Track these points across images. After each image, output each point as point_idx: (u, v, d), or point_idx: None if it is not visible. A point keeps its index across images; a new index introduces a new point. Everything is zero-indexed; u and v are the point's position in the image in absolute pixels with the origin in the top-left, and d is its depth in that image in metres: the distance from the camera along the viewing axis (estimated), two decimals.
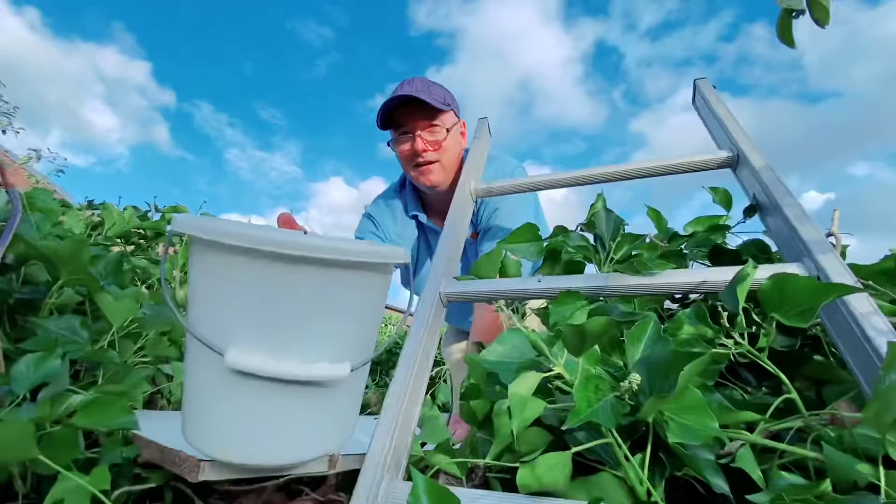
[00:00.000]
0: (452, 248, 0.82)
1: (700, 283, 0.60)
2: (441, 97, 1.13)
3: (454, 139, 1.18)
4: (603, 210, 0.71)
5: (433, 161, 1.16)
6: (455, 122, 1.19)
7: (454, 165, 1.20)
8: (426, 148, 1.13)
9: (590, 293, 0.66)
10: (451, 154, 1.18)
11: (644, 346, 0.48)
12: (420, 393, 0.62)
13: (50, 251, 0.66)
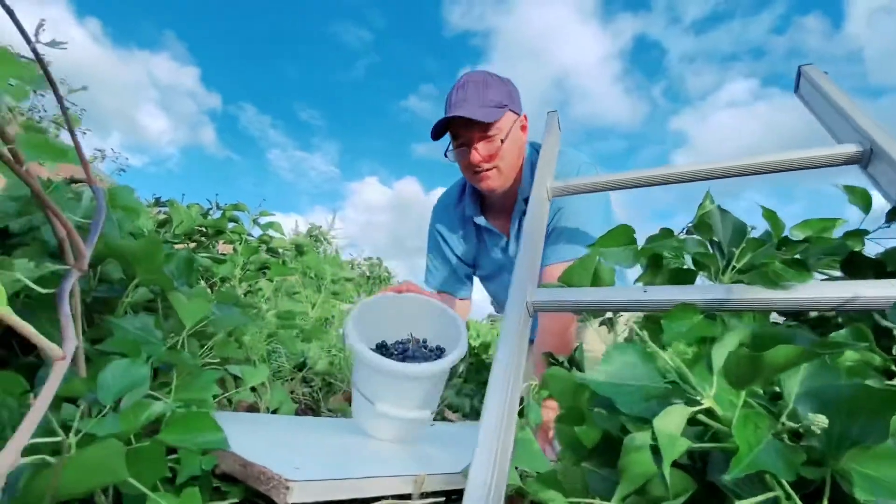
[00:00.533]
0: (534, 253, 0.76)
1: (852, 299, 0.51)
2: (497, 99, 1.08)
3: (512, 140, 1.12)
4: (718, 210, 0.63)
5: (490, 168, 1.12)
6: (514, 120, 1.12)
7: (514, 166, 1.15)
8: (482, 158, 1.09)
9: (707, 307, 0.58)
10: (509, 157, 1.13)
11: (804, 374, 0.40)
12: (515, 415, 0.56)
13: (126, 250, 0.64)
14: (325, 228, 3.70)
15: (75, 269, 0.39)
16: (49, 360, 0.43)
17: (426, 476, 0.58)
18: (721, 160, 0.79)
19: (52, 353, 0.27)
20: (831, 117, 0.83)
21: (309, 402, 1.41)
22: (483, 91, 1.08)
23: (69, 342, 0.29)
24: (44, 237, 0.54)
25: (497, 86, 1.10)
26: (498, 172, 1.12)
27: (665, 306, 0.59)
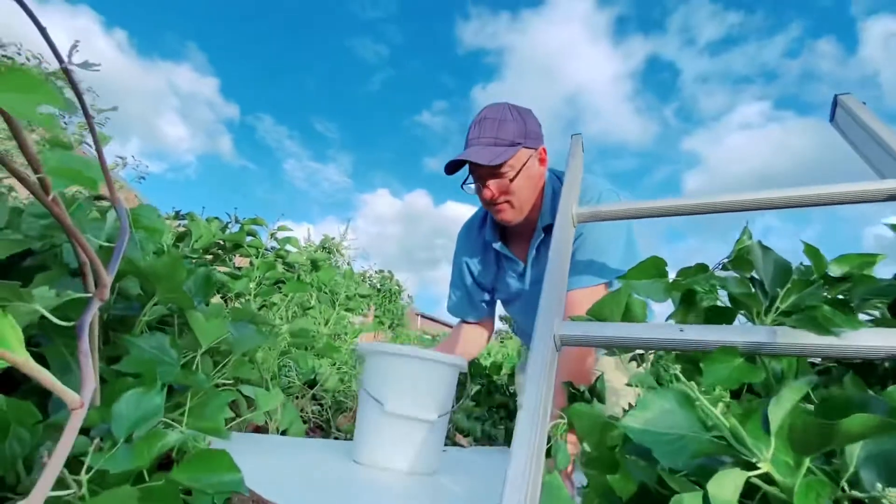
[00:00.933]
0: (561, 283, 0.73)
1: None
2: (510, 136, 1.08)
3: (525, 177, 1.12)
4: (758, 247, 0.60)
5: (503, 202, 1.12)
6: (528, 156, 1.12)
7: (528, 199, 1.15)
8: (495, 194, 1.11)
9: (748, 350, 0.55)
10: (522, 192, 1.13)
11: None
12: (543, 456, 0.53)
13: (147, 268, 0.63)
14: (337, 240, 3.71)
15: (96, 299, 0.37)
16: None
17: None
18: (760, 191, 0.77)
19: (70, 402, 0.25)
20: (871, 149, 0.80)
21: (319, 422, 1.39)
22: (498, 128, 1.09)
23: (88, 385, 0.28)
24: (64, 259, 0.53)
25: (514, 121, 1.10)
26: (510, 206, 1.13)
27: (702, 347, 0.56)
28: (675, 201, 0.83)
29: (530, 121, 1.13)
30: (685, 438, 0.47)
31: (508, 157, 1.06)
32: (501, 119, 1.09)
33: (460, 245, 1.35)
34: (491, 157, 1.05)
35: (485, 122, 1.09)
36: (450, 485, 0.83)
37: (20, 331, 0.24)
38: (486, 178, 1.10)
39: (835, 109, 0.94)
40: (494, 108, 1.12)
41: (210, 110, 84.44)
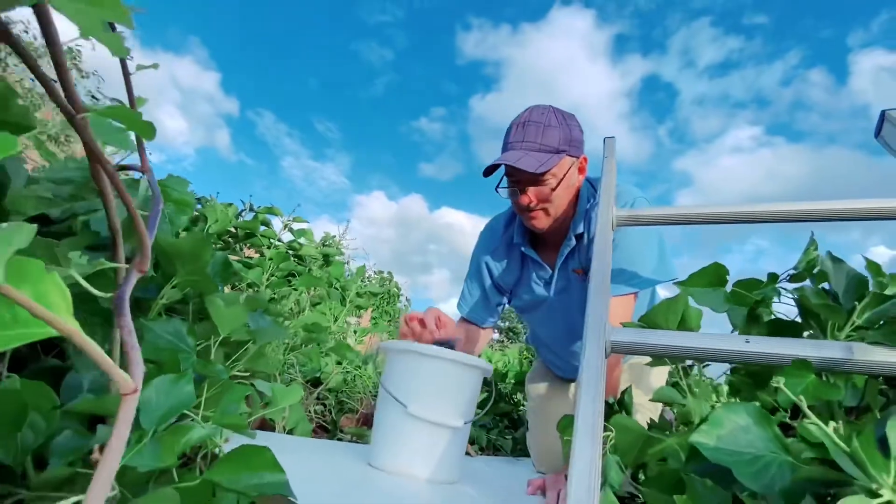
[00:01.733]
0: (605, 287, 0.69)
1: None
2: (555, 143, 1.04)
3: (566, 185, 1.08)
4: (829, 259, 0.56)
5: (539, 209, 1.09)
6: (571, 164, 1.08)
7: (564, 208, 1.11)
8: (532, 201, 1.07)
9: (821, 366, 0.51)
10: (560, 200, 1.09)
11: None
12: (600, 473, 0.49)
13: (171, 247, 0.59)
14: (337, 238, 3.66)
15: (135, 270, 0.33)
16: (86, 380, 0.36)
17: None
18: (804, 202, 0.73)
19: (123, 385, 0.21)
20: None
21: (322, 423, 1.33)
22: (542, 133, 1.05)
23: (137, 368, 0.23)
24: (91, 227, 0.48)
25: (558, 127, 1.06)
26: (545, 214, 1.10)
27: (771, 361, 0.52)
28: (717, 208, 0.79)
29: (574, 128, 1.09)
30: (765, 458, 0.43)
31: (553, 165, 1.02)
32: (546, 124, 1.05)
33: (483, 244, 1.29)
34: (536, 164, 1.01)
35: (529, 125, 1.05)
36: (472, 494, 0.79)
37: (69, 294, 0.20)
38: (525, 184, 1.05)
39: (882, 124, 0.91)
40: (539, 112, 1.08)
41: (210, 104, 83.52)
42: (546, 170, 1.01)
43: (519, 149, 1.03)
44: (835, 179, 18.50)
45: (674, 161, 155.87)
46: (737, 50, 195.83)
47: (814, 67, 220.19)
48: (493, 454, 1.60)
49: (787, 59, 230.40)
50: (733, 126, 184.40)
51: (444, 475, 0.81)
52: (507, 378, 2.21)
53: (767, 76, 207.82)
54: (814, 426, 0.36)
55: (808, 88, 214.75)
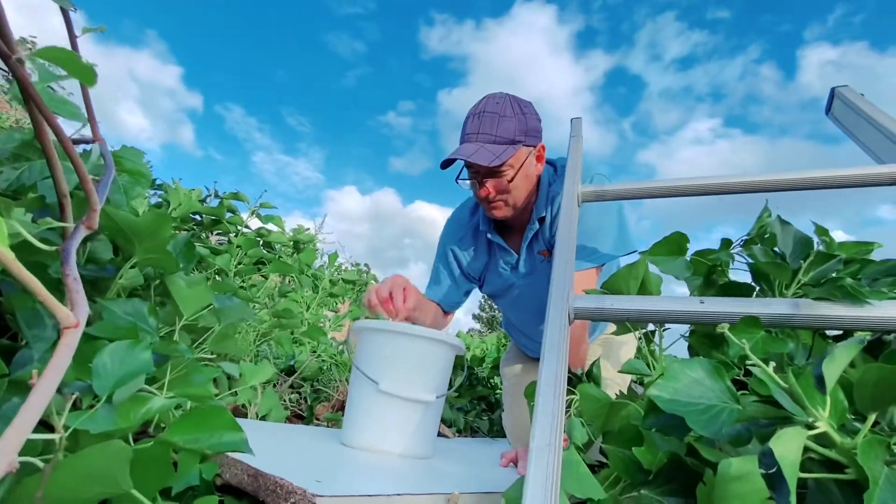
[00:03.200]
0: (569, 258, 0.71)
1: None
2: (510, 134, 1.04)
3: (524, 175, 1.09)
4: (778, 222, 0.59)
5: (499, 200, 1.09)
6: (528, 153, 1.08)
7: (524, 196, 1.12)
8: (491, 192, 1.07)
9: (770, 322, 0.53)
10: (519, 190, 1.10)
11: None
12: (562, 427, 0.50)
13: (127, 224, 0.57)
14: (312, 231, 3.61)
15: (83, 226, 0.32)
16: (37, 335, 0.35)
17: (459, 494, 0.52)
18: (764, 173, 0.76)
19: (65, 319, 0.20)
20: (872, 137, 0.81)
21: (298, 411, 1.32)
22: (498, 125, 1.04)
23: (80, 308, 0.23)
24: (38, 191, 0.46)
25: (514, 117, 1.05)
26: (505, 204, 1.11)
27: (724, 319, 0.54)
28: (679, 182, 0.82)
29: (531, 116, 1.09)
30: (716, 407, 0.45)
31: (508, 157, 1.02)
32: (502, 114, 1.04)
33: (449, 233, 1.29)
34: (490, 157, 1.00)
35: (484, 116, 1.04)
36: (445, 468, 0.79)
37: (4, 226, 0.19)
38: (483, 176, 1.06)
39: (831, 101, 0.95)
40: (494, 101, 1.06)
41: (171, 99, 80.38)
42: (501, 162, 1.01)
43: (475, 141, 1.03)
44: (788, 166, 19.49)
45: (637, 154, 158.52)
46: (701, 44, 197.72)
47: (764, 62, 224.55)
48: (470, 436, 1.62)
49: (748, 52, 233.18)
50: (693, 119, 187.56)
51: (418, 450, 0.82)
52: (485, 363, 2.23)
53: (730, 70, 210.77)
54: (756, 367, 0.38)
55: (760, 82, 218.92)
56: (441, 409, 0.92)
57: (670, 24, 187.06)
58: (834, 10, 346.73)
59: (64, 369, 0.19)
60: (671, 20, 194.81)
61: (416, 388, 0.81)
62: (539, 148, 1.12)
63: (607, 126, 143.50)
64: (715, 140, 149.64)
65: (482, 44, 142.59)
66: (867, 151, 0.82)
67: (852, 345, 0.35)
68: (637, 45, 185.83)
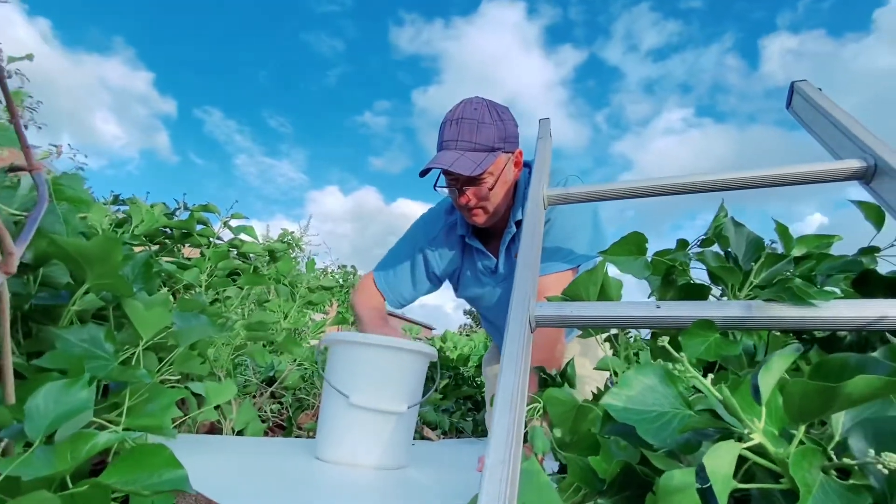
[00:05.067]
0: (534, 264, 0.71)
1: (879, 319, 0.48)
2: (489, 141, 1.03)
3: (503, 181, 1.08)
4: (732, 223, 0.60)
5: (478, 207, 1.09)
6: (507, 160, 1.09)
7: (502, 202, 1.12)
8: (470, 199, 1.07)
9: (724, 325, 0.54)
10: (497, 196, 1.10)
11: None
12: (521, 442, 0.50)
13: (76, 250, 0.55)
14: (297, 234, 3.58)
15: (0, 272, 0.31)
16: None
17: None
18: (724, 172, 0.77)
19: None
20: (828, 132, 0.82)
21: (279, 421, 1.31)
22: (477, 131, 1.03)
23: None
24: None
25: (493, 124, 1.05)
26: (484, 212, 1.10)
27: (681, 324, 0.55)
28: (644, 182, 0.82)
29: (509, 122, 1.08)
30: (668, 414, 0.45)
31: (488, 165, 1.01)
32: (480, 121, 1.03)
33: (421, 231, 1.26)
34: (472, 166, 1.00)
35: (463, 123, 1.03)
36: (419, 478, 0.79)
37: None
38: (463, 184, 1.05)
39: (791, 96, 0.96)
40: (472, 107, 1.05)
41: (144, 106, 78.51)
42: (482, 171, 1.01)
43: (454, 148, 1.02)
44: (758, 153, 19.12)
45: (612, 145, 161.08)
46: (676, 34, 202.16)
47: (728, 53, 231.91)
48: (455, 437, 1.62)
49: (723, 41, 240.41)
50: (665, 109, 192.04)
51: (390, 461, 0.82)
52: (471, 361, 2.24)
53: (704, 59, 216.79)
54: (693, 378, 0.38)
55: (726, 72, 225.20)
56: (415, 418, 0.92)
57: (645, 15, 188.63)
58: None
59: None
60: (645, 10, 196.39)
61: (387, 400, 0.81)
62: (517, 154, 1.12)
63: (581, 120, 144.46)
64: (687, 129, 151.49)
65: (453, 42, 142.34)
66: (825, 146, 0.83)
67: (788, 353, 0.36)
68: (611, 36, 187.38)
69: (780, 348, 0.61)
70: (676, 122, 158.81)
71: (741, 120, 39.22)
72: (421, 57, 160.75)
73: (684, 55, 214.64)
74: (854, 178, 0.72)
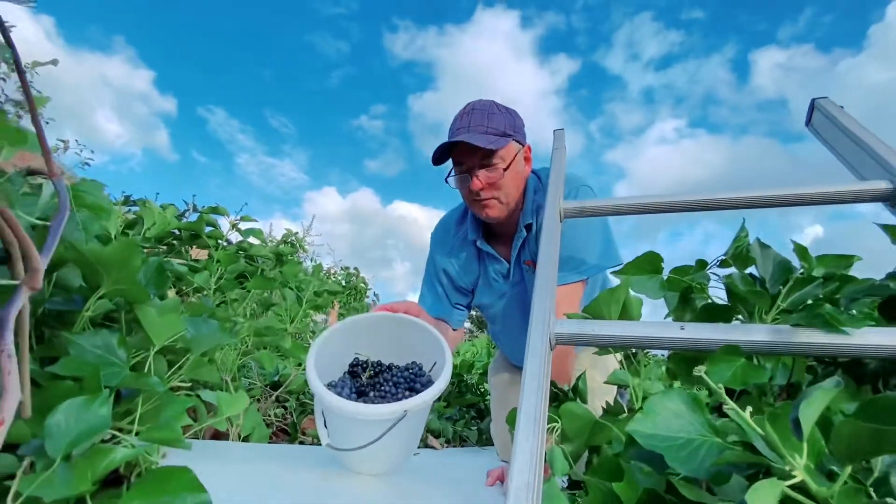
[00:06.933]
0: (551, 279, 0.70)
1: None
2: (501, 127, 1.05)
3: (515, 171, 1.09)
4: (758, 245, 0.59)
5: (491, 198, 1.08)
6: (517, 150, 1.10)
7: (515, 196, 1.12)
8: (483, 186, 1.06)
9: (750, 349, 0.53)
10: (510, 187, 1.09)
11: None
12: (543, 463, 0.49)
13: (94, 255, 0.55)
14: (301, 235, 3.57)
15: (25, 288, 0.30)
16: None
17: None
18: (745, 190, 0.76)
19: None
20: (850, 151, 0.81)
21: (283, 426, 1.30)
22: (487, 118, 1.06)
23: (10, 395, 0.21)
24: None
25: (502, 115, 1.08)
26: (498, 202, 1.10)
27: (705, 346, 0.54)
28: (662, 198, 0.81)
29: (516, 117, 1.11)
30: (695, 442, 0.44)
31: (501, 146, 1.03)
32: (489, 112, 1.06)
33: (436, 245, 1.27)
34: (486, 141, 1.01)
35: (474, 112, 1.05)
36: (426, 490, 0.78)
37: None
38: (475, 168, 1.05)
39: (811, 113, 0.95)
40: (481, 102, 1.09)
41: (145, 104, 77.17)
42: (496, 148, 1.02)
43: (466, 132, 1.03)
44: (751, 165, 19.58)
45: (604, 154, 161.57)
46: (677, 44, 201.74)
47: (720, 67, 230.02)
48: (459, 445, 1.61)
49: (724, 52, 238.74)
50: (658, 119, 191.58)
51: (399, 464, 0.81)
52: (474, 368, 2.22)
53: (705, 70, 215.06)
54: (732, 411, 0.37)
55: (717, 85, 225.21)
56: (424, 418, 0.90)
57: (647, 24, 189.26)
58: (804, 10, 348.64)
59: None
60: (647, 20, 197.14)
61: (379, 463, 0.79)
62: (526, 149, 1.14)
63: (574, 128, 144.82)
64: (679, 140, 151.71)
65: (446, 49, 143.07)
66: (847, 166, 0.82)
67: (829, 388, 0.35)
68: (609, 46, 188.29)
69: (803, 374, 0.60)
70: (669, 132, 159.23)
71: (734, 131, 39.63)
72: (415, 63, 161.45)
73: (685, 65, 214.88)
74: (879, 200, 0.71)
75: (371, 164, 70.92)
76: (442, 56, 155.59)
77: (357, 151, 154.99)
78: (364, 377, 0.91)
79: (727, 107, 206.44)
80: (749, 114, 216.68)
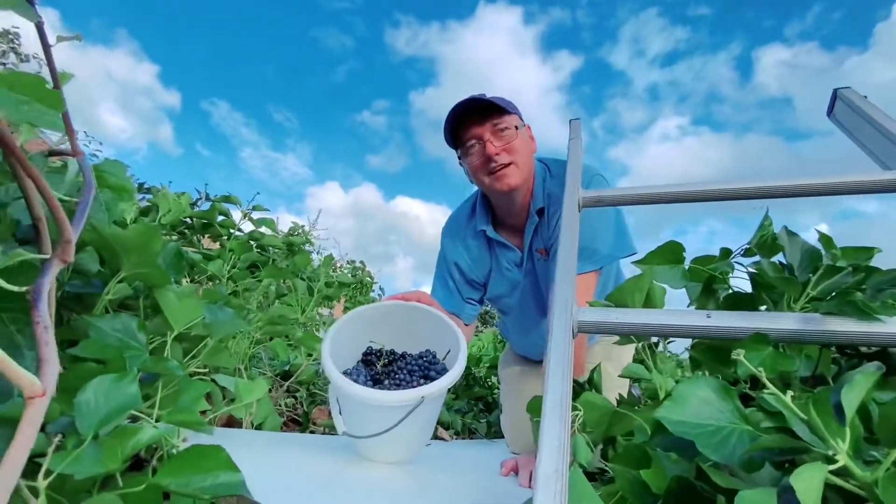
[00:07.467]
0: (572, 268, 0.69)
1: None
2: (505, 103, 1.08)
3: (524, 140, 1.11)
4: (786, 233, 0.58)
5: (508, 163, 1.08)
6: (523, 126, 1.13)
7: (528, 167, 1.12)
8: (497, 150, 1.06)
9: (779, 337, 0.52)
10: (523, 155, 1.10)
11: None
12: (569, 449, 0.49)
13: (115, 238, 0.54)
14: (307, 228, 3.57)
15: (57, 260, 0.29)
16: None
17: None
18: (768, 179, 0.75)
19: (28, 388, 0.18)
20: (875, 141, 0.80)
21: (294, 416, 1.30)
22: (492, 95, 1.10)
23: (50, 367, 0.21)
24: (11, 216, 0.43)
25: (499, 97, 1.11)
26: (516, 168, 1.08)
27: (732, 335, 0.53)
28: (683, 187, 0.80)
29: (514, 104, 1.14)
30: (725, 429, 0.44)
31: (509, 110, 1.06)
32: (493, 95, 1.10)
33: (447, 240, 1.27)
34: (498, 101, 1.05)
35: (476, 95, 1.07)
36: (446, 481, 0.78)
37: None
38: (487, 133, 1.06)
39: (833, 103, 0.94)
40: (480, 93, 1.12)
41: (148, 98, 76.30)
42: (504, 106, 1.04)
43: (470, 104, 1.06)
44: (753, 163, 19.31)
45: (607, 151, 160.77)
46: (683, 40, 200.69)
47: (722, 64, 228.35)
48: (468, 438, 1.61)
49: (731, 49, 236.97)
50: (661, 117, 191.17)
51: (415, 452, 0.81)
52: (482, 362, 2.22)
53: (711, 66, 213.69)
54: (772, 396, 0.37)
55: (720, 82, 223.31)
56: (438, 406, 0.90)
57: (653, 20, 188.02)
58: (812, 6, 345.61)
59: (28, 449, 0.18)
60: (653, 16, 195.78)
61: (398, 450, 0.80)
62: (528, 128, 1.16)
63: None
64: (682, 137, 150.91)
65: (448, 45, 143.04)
66: (871, 156, 0.81)
67: (871, 372, 0.34)
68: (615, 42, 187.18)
69: (828, 366, 0.59)
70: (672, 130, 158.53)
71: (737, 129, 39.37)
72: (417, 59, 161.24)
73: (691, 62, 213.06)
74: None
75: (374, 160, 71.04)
76: (444, 52, 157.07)
77: (360, 146, 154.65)
78: (378, 365, 0.91)
79: (730, 104, 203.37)
80: (752, 112, 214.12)
